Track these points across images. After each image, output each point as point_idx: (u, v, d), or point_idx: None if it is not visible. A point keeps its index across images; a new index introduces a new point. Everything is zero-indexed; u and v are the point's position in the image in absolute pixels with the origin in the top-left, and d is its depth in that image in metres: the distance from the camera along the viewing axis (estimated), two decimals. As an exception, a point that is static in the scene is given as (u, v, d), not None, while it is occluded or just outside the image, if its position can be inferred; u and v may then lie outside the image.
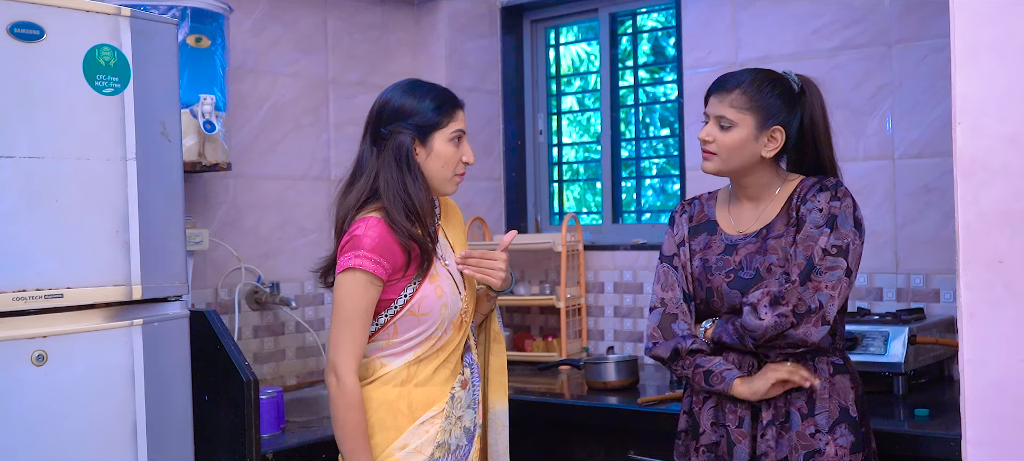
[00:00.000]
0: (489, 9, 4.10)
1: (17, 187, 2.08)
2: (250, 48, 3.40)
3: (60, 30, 2.13)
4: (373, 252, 2.15)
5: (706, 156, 2.31)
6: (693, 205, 2.45)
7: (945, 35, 2.19)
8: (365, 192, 2.24)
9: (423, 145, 2.25)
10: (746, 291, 2.25)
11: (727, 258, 2.30)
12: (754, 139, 2.26)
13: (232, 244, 3.31)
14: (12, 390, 2.07)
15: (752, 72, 2.31)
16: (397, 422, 2.21)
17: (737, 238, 2.32)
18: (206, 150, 2.97)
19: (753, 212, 2.33)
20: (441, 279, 2.25)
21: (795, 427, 2.21)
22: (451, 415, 2.26)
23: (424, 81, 2.34)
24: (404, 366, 2.23)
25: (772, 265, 2.23)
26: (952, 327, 2.99)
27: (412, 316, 2.21)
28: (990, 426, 1.56)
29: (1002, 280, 1.54)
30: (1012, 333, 1.54)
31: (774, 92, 2.27)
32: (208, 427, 2.56)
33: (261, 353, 3.41)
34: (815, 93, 2.33)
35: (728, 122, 2.26)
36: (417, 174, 2.23)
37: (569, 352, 3.77)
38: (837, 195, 2.22)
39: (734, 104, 2.26)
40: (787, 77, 2.31)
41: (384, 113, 2.26)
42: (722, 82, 2.30)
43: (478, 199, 4.06)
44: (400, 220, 2.18)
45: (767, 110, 2.26)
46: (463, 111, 2.32)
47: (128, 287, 2.23)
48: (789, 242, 2.23)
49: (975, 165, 1.56)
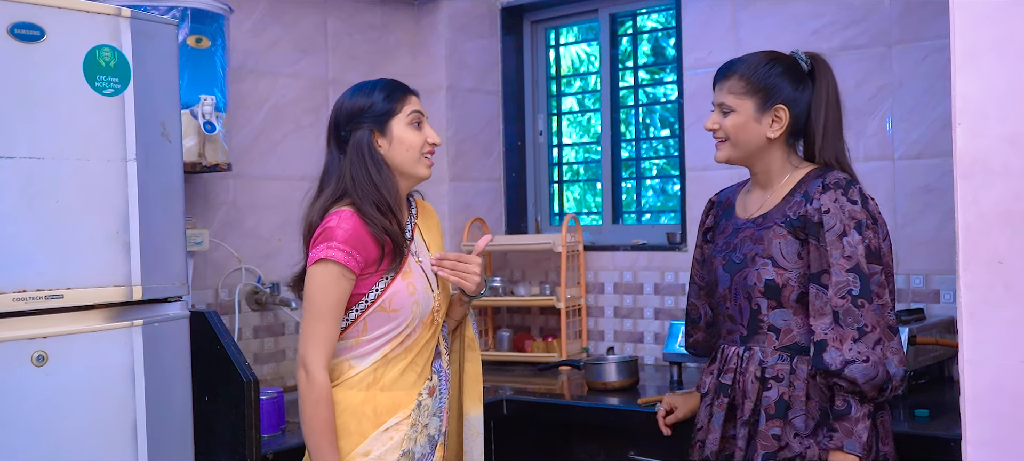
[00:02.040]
0: (489, 9, 4.10)
1: (17, 187, 2.08)
2: (250, 49, 3.41)
3: (60, 30, 2.13)
4: (346, 244, 2.15)
5: (716, 145, 2.33)
6: (723, 193, 2.50)
7: (945, 35, 2.19)
8: (332, 197, 2.25)
9: (383, 135, 2.25)
10: (734, 275, 2.27)
11: (730, 241, 2.32)
12: (756, 121, 2.26)
13: (232, 244, 3.31)
14: (12, 390, 2.07)
15: (753, 55, 2.31)
16: (361, 427, 2.20)
17: (742, 222, 2.33)
18: (206, 151, 2.97)
19: (760, 198, 2.33)
20: (414, 276, 2.25)
21: (760, 426, 2.20)
22: (417, 423, 2.24)
23: (371, 79, 2.35)
24: (371, 368, 2.22)
25: (757, 255, 2.23)
26: (952, 327, 2.99)
27: (383, 312, 2.20)
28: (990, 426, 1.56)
29: (1002, 280, 1.54)
30: (1012, 333, 1.54)
31: (774, 71, 2.26)
32: (208, 427, 2.56)
33: (261, 353, 3.41)
34: (827, 72, 2.29)
35: (728, 107, 2.27)
36: (382, 164, 2.24)
37: (569, 352, 3.77)
38: (850, 196, 2.17)
39: (732, 89, 2.28)
40: (794, 56, 2.30)
41: (340, 117, 2.28)
42: (723, 69, 2.33)
43: (478, 199, 4.06)
44: (372, 213, 2.18)
45: (767, 90, 2.25)
46: (416, 96, 2.32)
47: (128, 287, 2.23)
48: (782, 236, 2.21)
49: (975, 166, 1.56)
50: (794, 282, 2.19)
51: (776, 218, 2.25)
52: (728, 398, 2.27)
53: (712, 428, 2.27)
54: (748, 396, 2.23)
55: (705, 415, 2.34)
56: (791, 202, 2.24)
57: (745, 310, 2.25)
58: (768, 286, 2.20)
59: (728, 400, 2.27)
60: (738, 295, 2.26)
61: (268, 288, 3.33)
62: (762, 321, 2.23)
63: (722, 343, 2.34)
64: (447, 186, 3.95)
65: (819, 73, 2.29)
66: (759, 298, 2.22)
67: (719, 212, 2.46)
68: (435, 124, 3.96)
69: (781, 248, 2.21)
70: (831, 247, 2.13)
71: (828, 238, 2.14)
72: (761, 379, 2.21)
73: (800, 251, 2.20)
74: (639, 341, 3.78)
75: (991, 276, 1.55)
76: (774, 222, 2.24)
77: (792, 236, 2.21)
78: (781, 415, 2.18)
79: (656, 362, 3.71)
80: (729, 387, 2.27)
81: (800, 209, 2.21)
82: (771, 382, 2.21)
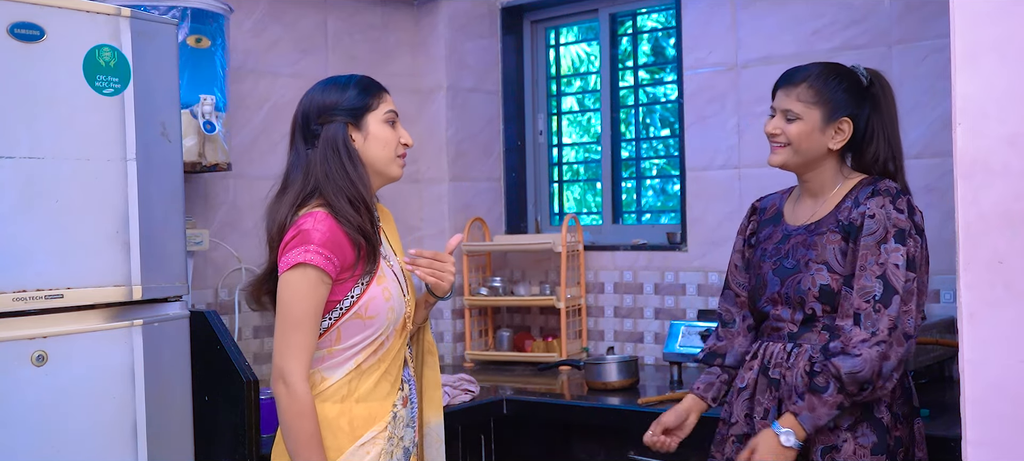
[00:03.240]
0: (489, 9, 4.10)
1: (17, 187, 2.08)
2: (250, 48, 3.41)
3: (60, 30, 2.13)
4: (324, 247, 2.02)
5: (773, 149, 2.32)
6: (766, 200, 2.49)
7: (945, 35, 2.19)
8: (302, 193, 2.11)
9: (358, 129, 2.14)
10: (784, 279, 2.27)
11: (780, 247, 2.33)
12: (821, 131, 2.27)
13: (232, 244, 3.31)
14: (12, 390, 2.07)
15: (820, 65, 2.32)
16: (337, 442, 2.09)
17: (792, 229, 2.34)
18: (206, 150, 2.97)
19: (811, 207, 2.34)
20: (388, 280, 2.14)
21: None
22: (393, 436, 2.14)
23: (341, 74, 2.24)
24: (345, 379, 2.11)
25: (811, 261, 2.24)
26: (952, 327, 2.99)
27: (358, 320, 2.10)
28: (990, 426, 1.56)
29: (1002, 280, 1.54)
30: (1012, 333, 1.54)
31: (841, 85, 2.28)
32: (208, 427, 2.56)
33: (261, 353, 3.41)
34: (886, 87, 2.32)
35: (794, 115, 2.27)
36: (357, 159, 2.13)
37: (569, 352, 3.77)
38: (897, 205, 2.18)
39: (801, 97, 2.27)
40: (855, 70, 2.32)
41: (310, 112, 2.16)
42: (789, 76, 2.32)
43: (478, 199, 4.06)
44: (346, 210, 2.07)
45: (834, 102, 2.26)
46: (390, 95, 2.21)
47: (128, 287, 2.23)
48: (835, 241, 2.22)
49: (975, 166, 1.56)
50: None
51: (829, 224, 2.26)
52: (779, 393, 2.27)
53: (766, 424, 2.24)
54: (798, 391, 2.23)
55: (741, 410, 2.33)
56: (842, 208, 2.26)
57: (797, 313, 2.27)
58: (823, 291, 2.22)
59: (778, 395, 2.26)
60: (789, 299, 2.27)
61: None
62: (817, 322, 2.25)
63: (764, 341, 2.33)
64: (447, 186, 3.95)
65: (882, 89, 2.31)
66: (813, 302, 2.23)
67: (763, 218, 2.45)
68: (435, 124, 3.96)
69: (836, 254, 2.23)
70: (865, 251, 2.16)
71: (864, 242, 2.17)
72: (810, 372, 2.22)
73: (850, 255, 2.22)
74: (639, 341, 3.78)
75: (991, 276, 1.55)
76: (827, 228, 2.26)
77: (845, 241, 2.23)
78: None
79: (656, 362, 3.71)
80: (779, 382, 2.27)
81: (850, 214, 2.23)
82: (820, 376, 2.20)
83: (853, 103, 2.28)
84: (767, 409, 2.27)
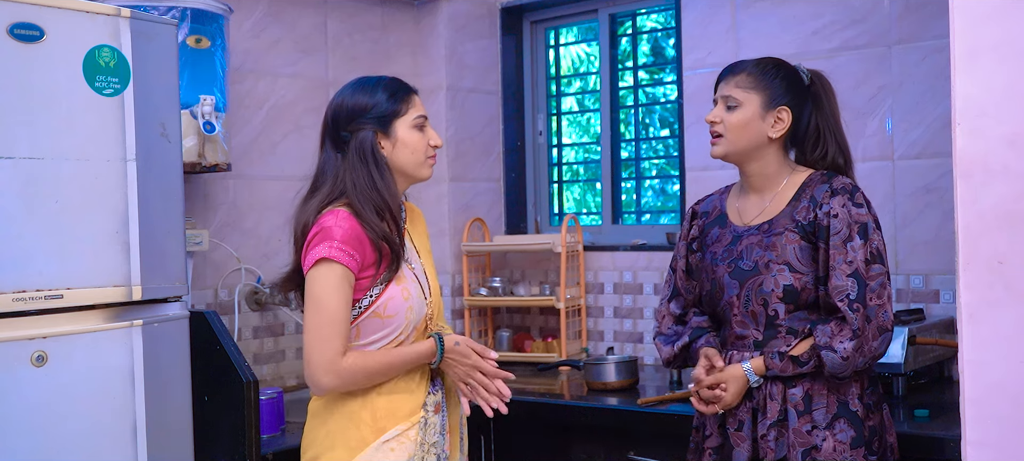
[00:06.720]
0: (489, 10, 4.10)
1: (17, 188, 2.08)
2: (250, 49, 3.41)
3: (60, 31, 2.13)
4: (346, 244, 2.06)
5: (714, 141, 2.33)
6: (706, 203, 2.49)
7: (945, 36, 2.19)
8: (329, 198, 2.14)
9: (387, 136, 2.17)
10: (743, 282, 2.27)
11: (731, 249, 2.32)
12: (760, 118, 2.29)
13: (232, 245, 3.31)
14: (12, 391, 2.07)
15: (759, 58, 2.37)
16: (360, 434, 2.10)
17: (742, 229, 2.34)
18: (206, 151, 2.97)
19: (758, 204, 2.34)
20: (408, 281, 2.17)
21: (792, 425, 2.22)
22: (425, 442, 2.14)
23: (371, 76, 2.26)
24: None
25: (771, 261, 2.24)
26: (952, 328, 2.99)
27: (377, 318, 2.13)
28: (990, 426, 1.56)
29: (1002, 281, 1.54)
30: (1012, 334, 1.54)
31: (779, 75, 2.32)
32: (208, 427, 2.56)
33: (261, 354, 3.41)
34: (826, 87, 2.36)
35: (734, 101, 2.30)
36: (384, 168, 2.16)
37: (569, 353, 3.77)
38: (855, 200, 2.22)
39: (740, 84, 2.30)
40: (797, 68, 2.35)
41: (340, 116, 2.18)
42: (730, 67, 2.36)
43: (478, 200, 4.06)
44: (371, 219, 2.10)
45: (773, 90, 2.30)
46: (418, 96, 2.23)
47: (128, 288, 2.23)
48: (794, 241, 2.24)
49: (975, 166, 1.56)
50: (811, 285, 2.23)
51: (785, 224, 2.27)
52: (752, 403, 2.27)
53: (743, 436, 2.26)
54: (774, 398, 2.24)
55: (715, 421, 2.34)
56: (798, 207, 2.27)
57: (760, 316, 2.27)
58: (787, 291, 2.23)
59: (752, 405, 2.27)
60: (750, 302, 2.27)
61: (268, 288, 3.33)
62: (780, 325, 2.26)
63: (730, 351, 2.33)
64: (447, 186, 3.95)
65: (823, 88, 2.35)
66: (776, 303, 2.24)
67: (705, 222, 2.45)
68: (435, 124, 3.94)
69: (796, 253, 2.24)
70: (834, 252, 2.20)
71: (833, 242, 2.20)
72: (784, 379, 2.23)
73: (813, 255, 2.24)
74: (639, 341, 3.78)
75: (991, 276, 1.55)
76: (784, 227, 2.26)
77: (804, 241, 2.24)
78: (808, 410, 2.22)
79: (656, 362, 3.71)
80: (754, 391, 2.27)
81: (808, 214, 2.24)
82: (795, 380, 2.23)
83: (792, 94, 2.31)
84: (742, 421, 2.28)
